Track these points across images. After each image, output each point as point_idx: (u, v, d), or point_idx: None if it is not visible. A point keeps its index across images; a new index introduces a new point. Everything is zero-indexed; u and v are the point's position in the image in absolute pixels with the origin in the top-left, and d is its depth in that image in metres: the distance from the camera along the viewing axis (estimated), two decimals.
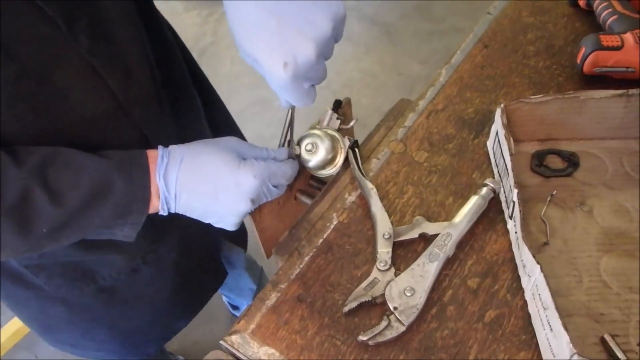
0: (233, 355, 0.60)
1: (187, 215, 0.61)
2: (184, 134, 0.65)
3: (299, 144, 0.69)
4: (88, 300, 0.81)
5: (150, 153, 0.59)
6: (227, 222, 0.61)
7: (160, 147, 0.60)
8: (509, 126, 0.69)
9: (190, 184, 0.58)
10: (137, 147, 0.60)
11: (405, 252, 0.65)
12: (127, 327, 0.90)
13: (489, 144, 0.75)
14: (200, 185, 0.58)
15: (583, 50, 0.79)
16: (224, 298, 1.64)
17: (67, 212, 0.54)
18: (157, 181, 0.57)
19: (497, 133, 0.70)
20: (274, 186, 0.63)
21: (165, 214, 0.60)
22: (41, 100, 0.54)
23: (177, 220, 0.77)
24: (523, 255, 0.60)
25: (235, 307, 1.64)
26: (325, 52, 0.50)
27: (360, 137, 0.78)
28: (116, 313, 0.86)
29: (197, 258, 0.92)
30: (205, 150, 0.60)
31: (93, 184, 0.55)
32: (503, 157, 0.67)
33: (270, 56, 0.48)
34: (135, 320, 0.90)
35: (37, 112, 0.54)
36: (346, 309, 0.60)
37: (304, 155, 0.68)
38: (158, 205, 0.59)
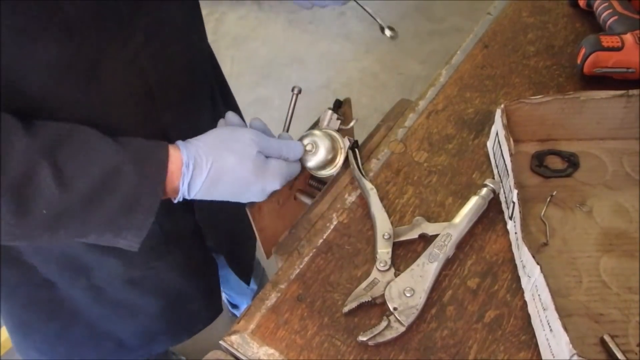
0: (233, 355, 0.60)
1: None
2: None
3: None
4: (77, 292, 0.79)
5: (174, 152, 0.58)
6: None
7: (184, 151, 0.58)
8: (509, 126, 0.69)
9: (214, 193, 0.61)
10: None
11: (405, 253, 0.65)
12: (106, 331, 0.87)
13: (489, 144, 0.75)
14: (224, 193, 0.61)
15: (583, 50, 0.79)
16: (224, 296, 1.64)
17: (72, 198, 0.51)
18: (180, 186, 0.59)
19: (497, 133, 0.70)
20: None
21: (180, 200, 0.61)
22: (87, 90, 0.57)
23: (181, 242, 0.77)
24: (523, 256, 0.60)
25: (235, 306, 1.64)
26: None
27: (360, 137, 0.78)
28: (100, 313, 0.84)
29: (195, 283, 0.91)
30: (232, 162, 0.59)
31: (104, 172, 0.52)
32: (503, 158, 0.67)
33: None
34: (116, 326, 0.88)
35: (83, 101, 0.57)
36: (346, 309, 0.60)
37: (304, 155, 0.68)
38: (177, 190, 0.59)
